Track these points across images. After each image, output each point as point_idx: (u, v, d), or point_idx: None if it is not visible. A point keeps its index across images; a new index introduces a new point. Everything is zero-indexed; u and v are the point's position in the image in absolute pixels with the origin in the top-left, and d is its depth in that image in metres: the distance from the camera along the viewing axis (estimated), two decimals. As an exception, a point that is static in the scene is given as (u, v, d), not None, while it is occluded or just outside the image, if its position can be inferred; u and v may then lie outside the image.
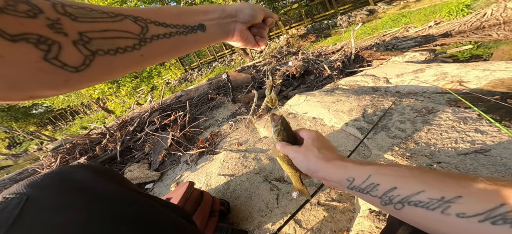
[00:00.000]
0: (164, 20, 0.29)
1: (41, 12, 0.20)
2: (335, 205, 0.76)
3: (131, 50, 0.26)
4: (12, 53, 0.18)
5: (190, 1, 8.24)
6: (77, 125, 15.45)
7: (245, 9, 0.41)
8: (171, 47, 0.31)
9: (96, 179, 0.35)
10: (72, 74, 0.22)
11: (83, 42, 0.22)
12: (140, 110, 3.13)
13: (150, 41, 0.27)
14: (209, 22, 0.35)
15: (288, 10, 10.56)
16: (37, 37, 0.19)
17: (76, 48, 0.22)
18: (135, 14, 0.27)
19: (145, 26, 0.27)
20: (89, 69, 0.23)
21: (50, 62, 0.20)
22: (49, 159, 2.25)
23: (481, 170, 0.58)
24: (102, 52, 0.23)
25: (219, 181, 1.15)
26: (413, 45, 4.50)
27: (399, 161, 0.77)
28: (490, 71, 1.24)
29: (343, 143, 1.10)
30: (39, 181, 0.30)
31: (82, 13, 0.23)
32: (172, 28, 0.30)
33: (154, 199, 0.48)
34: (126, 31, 0.25)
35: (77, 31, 0.22)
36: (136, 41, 0.26)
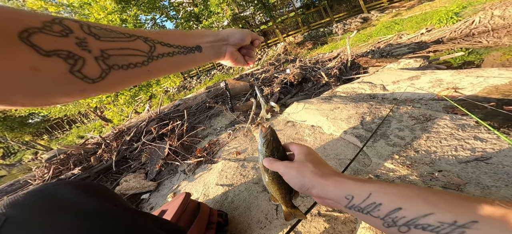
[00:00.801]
0: (168, 41, 0.33)
1: (72, 31, 0.23)
2: (337, 216, 0.74)
3: (140, 66, 0.29)
4: (45, 66, 0.21)
5: (189, 10, 8.39)
6: (73, 134, 15.23)
7: (235, 34, 0.48)
8: (173, 64, 0.35)
9: (82, 196, 0.34)
10: (89, 85, 0.25)
11: (103, 58, 0.25)
12: (138, 120, 3.10)
13: (156, 59, 0.31)
14: (205, 44, 0.41)
15: (285, 18, 10.81)
16: (67, 53, 0.23)
17: (96, 63, 0.25)
18: (145, 35, 0.31)
19: (153, 46, 0.31)
20: (104, 81, 0.26)
21: (74, 74, 0.23)
22: (42, 170, 2.20)
23: (484, 178, 0.58)
24: (117, 67, 0.27)
25: (217, 191, 1.12)
26: (407, 52, 4.61)
27: (400, 169, 0.76)
28: (483, 78, 1.26)
29: (343, 151, 1.09)
30: (20, 200, 0.30)
31: (104, 33, 0.26)
32: (175, 48, 0.34)
33: (145, 215, 0.46)
34: (138, 50, 0.29)
35: (99, 49, 0.25)
36: (145, 58, 0.30)
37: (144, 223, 0.41)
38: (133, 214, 0.41)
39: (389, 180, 0.68)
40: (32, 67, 0.20)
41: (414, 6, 7.76)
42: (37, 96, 0.22)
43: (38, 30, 0.21)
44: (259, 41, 0.55)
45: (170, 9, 8.44)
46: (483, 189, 0.54)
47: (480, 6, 4.92)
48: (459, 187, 0.57)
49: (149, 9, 6.91)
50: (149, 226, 0.41)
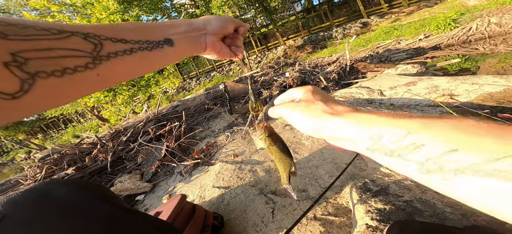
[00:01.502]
0: (122, 36, 0.27)
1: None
2: (332, 220, 0.74)
3: (83, 70, 0.23)
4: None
5: (191, 12, 8.43)
6: (69, 134, 15.09)
7: (212, 20, 0.40)
8: (135, 64, 0.28)
9: (79, 196, 0.34)
10: (8, 101, 0.19)
11: (18, 64, 0.19)
12: (135, 120, 3.09)
13: (106, 59, 0.25)
14: (176, 35, 0.34)
15: (286, 22, 10.89)
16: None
17: (8, 70, 0.18)
18: (85, 31, 0.24)
19: (98, 43, 0.24)
20: (29, 94, 0.19)
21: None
22: (34, 170, 2.17)
23: (476, 184, 0.58)
24: (45, 74, 0.20)
25: (214, 193, 1.12)
26: (405, 57, 4.66)
27: (395, 174, 0.77)
28: (478, 85, 1.28)
29: (339, 155, 1.09)
30: (17, 199, 0.29)
31: (13, 31, 0.20)
32: (133, 44, 0.28)
33: (142, 216, 0.46)
34: (74, 49, 0.22)
35: (9, 52, 0.19)
36: (89, 60, 0.23)
37: (140, 224, 0.41)
38: (130, 214, 0.41)
39: (384, 185, 0.68)
40: None
41: (413, 12, 7.87)
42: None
43: None
44: (244, 28, 0.47)
45: (172, 10, 8.48)
46: (476, 195, 0.54)
47: (477, 13, 5.00)
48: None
49: (151, 10, 6.93)
50: (145, 227, 0.41)
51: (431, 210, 0.48)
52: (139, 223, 0.41)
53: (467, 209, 0.47)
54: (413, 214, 0.49)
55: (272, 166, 1.20)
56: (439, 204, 0.50)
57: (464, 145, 0.18)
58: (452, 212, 0.46)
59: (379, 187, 0.67)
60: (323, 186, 0.92)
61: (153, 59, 0.30)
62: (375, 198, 0.62)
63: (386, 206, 0.56)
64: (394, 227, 0.40)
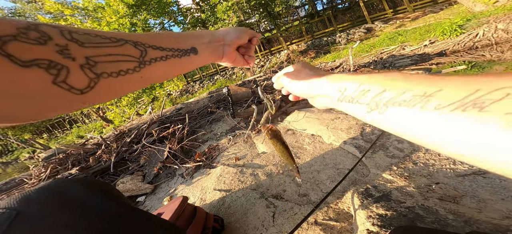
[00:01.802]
0: (160, 44, 0.31)
1: (51, 38, 0.21)
2: (333, 225, 0.74)
3: (132, 73, 0.27)
4: (24, 78, 0.19)
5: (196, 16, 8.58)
6: (73, 134, 15.32)
7: (231, 32, 0.46)
8: (168, 69, 0.33)
9: (91, 194, 0.35)
10: (77, 96, 0.23)
11: (89, 66, 0.23)
12: (139, 122, 3.13)
13: (149, 64, 0.29)
14: (200, 45, 0.39)
15: (289, 26, 10.98)
16: (48, 62, 0.20)
17: (82, 71, 0.23)
18: (135, 39, 0.29)
19: (144, 50, 0.29)
20: (93, 91, 0.24)
21: (59, 85, 0.21)
22: (39, 169, 2.21)
23: (480, 191, 0.57)
24: (106, 75, 0.25)
25: (215, 196, 1.12)
26: (410, 63, 4.62)
27: (397, 180, 0.76)
28: (484, 92, 1.26)
29: (342, 160, 1.08)
30: (32, 196, 0.30)
31: (88, 39, 0.24)
32: (168, 51, 0.32)
33: (147, 215, 0.47)
34: (127, 55, 0.27)
35: (84, 56, 0.23)
36: (136, 64, 0.28)
37: (146, 222, 0.42)
38: (135, 213, 0.42)
39: (386, 191, 0.67)
40: (10, 80, 0.19)
41: (418, 17, 7.84)
42: (20, 113, 0.21)
43: (13, 38, 0.19)
44: (257, 39, 0.53)
45: (179, 14, 8.65)
46: (479, 202, 0.53)
47: (484, 19, 4.94)
48: (455, 199, 0.57)
49: (158, 14, 7.09)
50: (151, 226, 0.42)
51: (433, 217, 0.47)
52: (144, 222, 0.42)
53: (470, 216, 0.47)
54: (415, 220, 0.49)
55: (273, 170, 1.19)
56: (442, 211, 0.49)
57: (388, 86, 0.25)
58: (455, 219, 0.45)
59: (381, 193, 0.67)
60: (325, 191, 0.91)
61: (182, 65, 0.35)
62: (376, 203, 0.62)
63: (387, 211, 0.56)
64: (395, 232, 0.40)
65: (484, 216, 0.46)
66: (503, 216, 0.47)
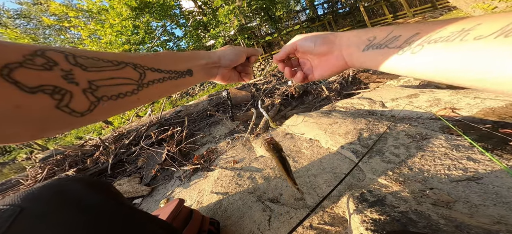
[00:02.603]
0: (159, 67, 0.32)
1: (56, 64, 0.22)
2: (328, 229, 0.74)
3: (130, 95, 0.28)
4: (30, 103, 0.20)
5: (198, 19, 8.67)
6: (72, 135, 15.25)
7: (227, 55, 0.46)
8: (163, 90, 0.34)
9: (92, 193, 0.35)
10: (77, 118, 0.23)
11: (91, 90, 0.24)
12: (138, 124, 3.14)
13: (146, 86, 0.30)
14: (196, 67, 0.40)
15: (290, 30, 11.09)
16: (53, 87, 0.21)
17: (85, 96, 0.23)
18: (135, 62, 0.30)
19: (143, 73, 0.30)
20: (92, 113, 0.25)
21: (61, 109, 0.22)
22: (35, 170, 2.20)
23: (473, 197, 0.58)
24: (106, 98, 0.25)
25: (211, 199, 1.12)
26: (409, 70, 4.65)
27: (392, 185, 0.76)
28: (481, 99, 1.28)
29: (339, 165, 1.09)
30: (35, 193, 0.31)
31: (91, 63, 0.25)
32: (165, 73, 0.33)
33: (146, 214, 0.48)
34: (127, 78, 0.28)
35: (87, 80, 0.24)
36: (135, 87, 0.29)
37: (145, 221, 0.43)
38: (135, 212, 0.43)
39: (381, 195, 0.68)
40: (16, 106, 0.19)
41: (419, 22, 7.94)
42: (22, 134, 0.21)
43: (19, 65, 0.19)
44: (256, 57, 0.53)
45: (181, 17, 8.74)
46: (471, 207, 0.54)
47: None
48: (448, 205, 0.57)
49: (161, 17, 7.17)
50: (149, 225, 0.43)
51: (425, 221, 0.48)
52: (144, 222, 0.42)
53: (461, 221, 0.47)
54: (408, 225, 0.49)
55: (271, 174, 1.20)
56: (434, 216, 0.50)
57: (421, 29, 0.26)
58: (446, 223, 0.45)
59: (376, 197, 0.67)
60: (321, 195, 0.91)
61: (177, 85, 0.36)
62: (371, 208, 0.62)
63: (381, 216, 0.56)
64: (387, 237, 0.40)
65: (475, 221, 0.47)
66: (494, 221, 0.47)
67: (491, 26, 0.20)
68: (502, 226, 0.47)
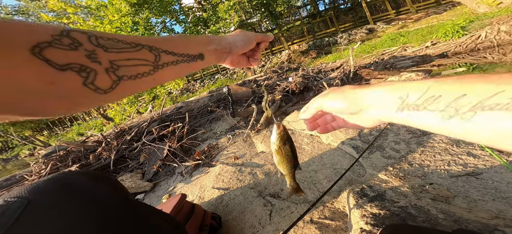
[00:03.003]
0: (173, 50, 0.34)
1: (81, 44, 0.24)
2: (328, 223, 0.75)
3: (146, 76, 0.30)
4: (61, 80, 0.22)
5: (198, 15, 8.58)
6: (74, 131, 15.36)
7: (238, 42, 0.46)
8: (176, 72, 0.35)
9: (97, 187, 0.36)
10: (101, 95, 0.26)
11: (113, 69, 0.26)
12: (139, 120, 3.15)
13: (161, 68, 0.32)
14: (207, 51, 0.41)
15: (291, 26, 10.95)
16: (79, 66, 0.23)
17: (107, 74, 0.25)
18: (150, 44, 0.31)
19: (158, 55, 0.31)
20: (114, 91, 0.27)
21: (87, 86, 0.24)
22: (39, 166, 2.23)
23: (472, 192, 0.58)
24: (126, 78, 0.27)
25: (213, 194, 1.13)
26: (411, 65, 4.61)
27: (392, 180, 0.77)
28: (482, 94, 1.27)
29: (339, 160, 1.09)
30: (41, 186, 0.32)
31: (111, 44, 0.27)
32: (179, 56, 0.35)
33: (150, 208, 0.49)
34: (144, 60, 0.30)
35: (109, 60, 0.26)
36: (151, 67, 0.30)
37: (149, 215, 0.44)
38: (140, 206, 0.43)
39: (380, 191, 0.68)
40: (50, 82, 0.21)
41: (421, 18, 7.80)
42: (55, 108, 0.24)
43: (48, 44, 0.21)
44: (265, 44, 0.53)
45: (180, 13, 8.65)
46: (470, 202, 0.54)
47: (487, 21, 4.91)
48: (447, 200, 0.57)
49: (160, 13, 7.10)
50: (153, 218, 0.44)
51: (424, 216, 0.48)
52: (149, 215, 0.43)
53: (460, 215, 0.48)
54: (407, 220, 0.50)
55: (271, 169, 1.21)
56: (433, 211, 0.50)
57: (468, 90, 0.22)
58: (445, 218, 0.46)
59: (375, 192, 0.68)
60: (321, 190, 0.92)
61: (189, 68, 0.38)
62: (371, 203, 0.63)
63: (381, 211, 0.57)
64: (386, 230, 0.41)
65: (473, 216, 0.47)
66: (492, 216, 0.48)
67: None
68: (500, 221, 0.47)
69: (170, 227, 0.49)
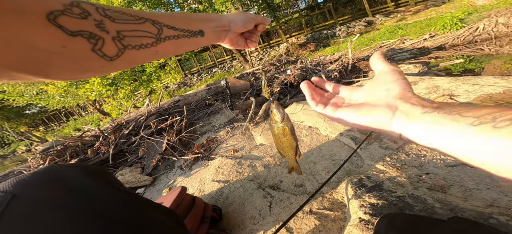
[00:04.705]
0: (174, 25, 0.36)
1: (90, 14, 0.26)
2: (327, 214, 0.76)
3: (150, 47, 0.32)
4: (73, 44, 0.25)
5: (194, 8, 8.39)
6: (70, 127, 15.17)
7: (237, 21, 0.47)
8: (177, 46, 0.37)
9: (88, 179, 0.35)
10: (107, 62, 0.28)
11: (119, 39, 0.28)
12: (137, 114, 3.12)
13: (163, 41, 0.34)
14: (207, 29, 0.42)
15: (289, 19, 10.79)
16: (89, 33, 0.26)
17: (114, 43, 0.28)
18: (153, 18, 0.33)
19: (160, 28, 0.33)
20: (119, 59, 0.29)
21: (96, 52, 0.26)
22: (37, 161, 2.21)
23: (467, 181, 0.60)
24: (131, 47, 0.30)
25: (213, 187, 1.14)
26: (409, 57, 4.62)
27: (390, 171, 0.78)
28: (479, 86, 1.28)
29: (337, 152, 1.11)
30: (27, 179, 0.31)
31: (118, 16, 0.29)
32: (180, 31, 0.37)
33: (146, 201, 0.47)
34: (147, 31, 0.32)
35: (115, 30, 0.28)
36: (154, 40, 0.32)
37: (146, 207, 0.43)
38: (135, 198, 0.42)
39: (378, 181, 0.70)
40: (62, 45, 0.24)
41: (420, 11, 7.74)
42: (66, 72, 0.26)
43: (61, 13, 0.24)
44: (264, 26, 0.53)
45: (175, 5, 8.43)
46: (465, 191, 0.56)
47: (485, 13, 4.91)
48: (443, 189, 0.59)
49: (154, 5, 6.91)
50: (150, 211, 0.42)
51: (421, 205, 0.50)
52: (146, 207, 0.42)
53: (456, 204, 0.49)
54: (404, 209, 0.51)
55: (271, 162, 1.22)
56: (430, 200, 0.51)
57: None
58: (441, 207, 0.47)
59: (373, 183, 0.69)
60: (320, 182, 0.93)
61: (189, 44, 0.39)
62: (369, 193, 0.64)
63: (379, 201, 0.58)
64: (383, 219, 0.42)
65: (469, 204, 0.49)
66: (487, 204, 0.49)
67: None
68: (495, 209, 0.49)
69: (169, 220, 0.48)
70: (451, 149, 0.21)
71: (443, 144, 0.21)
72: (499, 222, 0.44)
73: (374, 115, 0.28)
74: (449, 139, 0.21)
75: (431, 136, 0.22)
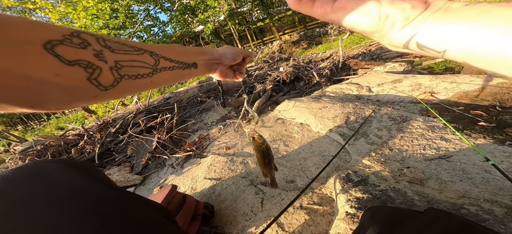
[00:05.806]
0: (170, 57, 0.37)
1: (89, 44, 0.27)
2: (316, 209, 0.79)
3: (146, 77, 0.33)
4: (67, 73, 0.24)
5: (185, 2, 8.14)
6: (52, 125, 14.37)
7: (227, 54, 0.53)
8: (172, 77, 0.39)
9: (74, 175, 0.33)
10: (101, 91, 0.28)
11: (117, 68, 0.29)
12: (125, 112, 3.02)
13: (159, 72, 0.35)
14: (200, 61, 0.45)
15: (282, 16, 10.77)
16: (87, 63, 0.26)
17: (111, 72, 0.28)
18: (151, 50, 0.34)
19: (157, 60, 0.34)
20: (114, 88, 0.29)
21: (91, 81, 0.26)
22: (16, 162, 2.10)
23: (443, 174, 0.64)
24: (127, 77, 0.30)
25: (205, 184, 1.15)
26: (395, 56, 4.78)
27: (374, 165, 0.82)
28: (456, 84, 1.37)
29: (327, 148, 1.14)
30: (10, 175, 0.29)
31: (117, 47, 0.30)
32: (175, 63, 0.38)
33: (136, 196, 0.46)
34: (145, 62, 0.33)
35: (114, 60, 0.28)
36: (150, 70, 0.33)
37: (135, 203, 0.41)
38: (124, 194, 0.40)
39: (364, 175, 0.73)
40: (56, 74, 0.24)
41: None
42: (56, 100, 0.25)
43: (59, 42, 0.24)
44: (250, 59, 0.60)
45: (165, 1, 8.14)
46: (441, 183, 0.60)
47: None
48: (421, 182, 0.63)
49: (143, 1, 6.65)
50: (140, 206, 0.41)
51: (402, 198, 0.53)
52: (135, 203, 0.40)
53: (432, 196, 0.53)
54: (387, 202, 0.54)
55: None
56: (410, 193, 0.55)
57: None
58: (420, 199, 0.51)
59: (360, 177, 0.73)
60: (310, 177, 0.97)
61: (183, 75, 0.41)
62: (355, 188, 0.67)
63: (364, 195, 0.61)
64: (367, 212, 0.45)
65: (444, 196, 0.53)
66: (459, 195, 0.54)
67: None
68: (466, 200, 0.53)
69: (159, 216, 0.46)
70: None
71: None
72: (469, 212, 0.48)
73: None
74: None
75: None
